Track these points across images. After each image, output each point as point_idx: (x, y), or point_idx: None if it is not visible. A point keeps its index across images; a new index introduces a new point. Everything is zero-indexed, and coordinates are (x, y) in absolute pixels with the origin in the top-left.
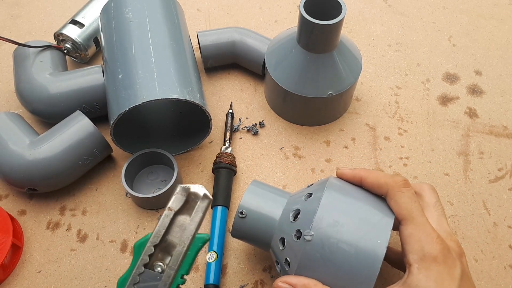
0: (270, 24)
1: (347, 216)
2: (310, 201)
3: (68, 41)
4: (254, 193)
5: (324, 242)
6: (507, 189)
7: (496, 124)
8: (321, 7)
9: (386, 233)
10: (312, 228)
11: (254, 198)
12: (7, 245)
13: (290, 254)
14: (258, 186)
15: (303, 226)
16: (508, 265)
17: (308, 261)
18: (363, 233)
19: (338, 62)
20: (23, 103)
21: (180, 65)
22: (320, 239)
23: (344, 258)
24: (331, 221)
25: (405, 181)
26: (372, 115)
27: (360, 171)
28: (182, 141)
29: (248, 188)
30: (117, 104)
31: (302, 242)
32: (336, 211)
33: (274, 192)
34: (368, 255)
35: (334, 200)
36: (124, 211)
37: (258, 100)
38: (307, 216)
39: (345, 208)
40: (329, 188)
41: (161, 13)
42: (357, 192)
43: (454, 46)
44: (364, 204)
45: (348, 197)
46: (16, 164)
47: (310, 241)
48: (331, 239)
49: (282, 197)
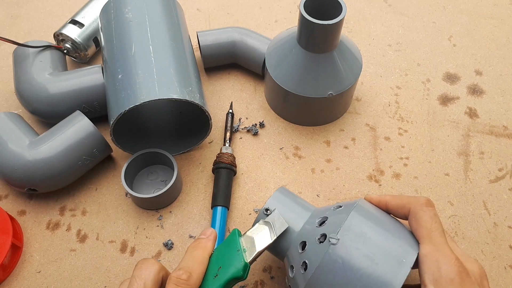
0: (270, 24)
1: (375, 230)
2: (339, 211)
3: (68, 41)
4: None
5: (348, 249)
6: (508, 189)
7: (497, 124)
8: (321, 7)
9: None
10: (339, 233)
11: (281, 200)
12: (7, 245)
13: (310, 256)
14: (284, 193)
15: (329, 231)
16: (508, 265)
17: (328, 265)
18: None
19: (338, 62)
20: (23, 103)
21: (180, 65)
22: (345, 245)
23: (365, 269)
24: (359, 232)
25: (428, 201)
26: (372, 115)
27: (385, 196)
28: (182, 141)
29: (275, 191)
30: (117, 104)
31: (325, 245)
32: (365, 224)
33: (301, 200)
34: (390, 273)
35: (364, 214)
36: (124, 211)
37: (258, 100)
38: (334, 223)
39: (374, 224)
40: (360, 204)
41: (161, 13)
42: (386, 217)
43: (454, 46)
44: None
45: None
46: (16, 164)
47: (335, 245)
48: (356, 248)
49: (307, 208)
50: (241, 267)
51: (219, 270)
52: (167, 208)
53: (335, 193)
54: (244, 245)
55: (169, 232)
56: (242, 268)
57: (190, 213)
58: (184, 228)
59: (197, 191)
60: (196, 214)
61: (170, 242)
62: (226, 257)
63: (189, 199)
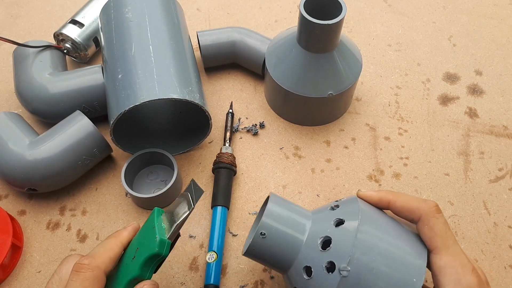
0: (270, 24)
1: (384, 250)
2: (343, 231)
3: (68, 41)
4: (275, 210)
5: (361, 279)
6: (508, 189)
7: (497, 124)
8: (321, 7)
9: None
10: (349, 263)
11: (275, 216)
12: (7, 245)
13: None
14: (278, 203)
15: (336, 258)
16: (508, 265)
17: None
18: (400, 272)
19: (338, 62)
20: (23, 103)
21: (180, 65)
22: (357, 275)
23: None
24: (369, 258)
25: (437, 206)
26: (372, 115)
27: (387, 194)
28: (182, 141)
29: (267, 206)
30: (117, 104)
31: (336, 277)
32: (374, 245)
33: (296, 210)
34: None
35: (370, 231)
36: (124, 211)
37: (258, 100)
38: (341, 247)
39: (382, 241)
40: (364, 218)
41: (161, 13)
42: (390, 225)
43: (454, 46)
44: (399, 238)
45: (383, 228)
46: (16, 164)
47: (346, 277)
48: (368, 276)
49: (305, 216)
50: (156, 243)
51: (137, 251)
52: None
53: (335, 193)
54: (163, 222)
55: None
56: (158, 244)
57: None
58: (184, 228)
59: None
60: (196, 214)
61: None
62: (143, 237)
63: None
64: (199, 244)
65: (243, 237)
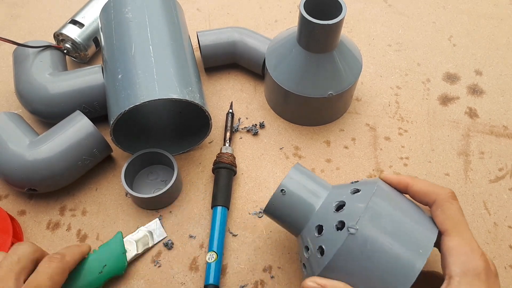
0: (270, 24)
1: (394, 219)
2: (358, 197)
3: (68, 41)
4: (297, 175)
5: (368, 239)
6: (508, 189)
7: (497, 124)
8: (321, 7)
9: (429, 246)
10: (358, 223)
11: (297, 178)
12: (7, 245)
13: (327, 243)
14: (301, 170)
15: (347, 218)
16: (509, 265)
17: (346, 254)
18: (407, 240)
19: (338, 62)
20: (23, 103)
21: (180, 65)
22: (364, 235)
23: (383, 259)
24: (377, 221)
25: (453, 193)
26: (372, 115)
27: (406, 178)
28: (182, 141)
29: (291, 169)
30: (117, 104)
31: (344, 234)
32: (385, 212)
33: (317, 179)
34: (407, 262)
35: (383, 202)
36: (124, 211)
37: (258, 100)
38: (353, 210)
39: (393, 212)
40: (379, 188)
41: (161, 13)
42: (405, 202)
43: (454, 46)
44: (411, 213)
45: (397, 203)
46: (16, 164)
47: (354, 235)
48: (376, 238)
49: (325, 186)
50: (124, 267)
51: (104, 267)
52: (167, 208)
53: None
54: (126, 247)
55: (169, 232)
56: (125, 268)
57: (190, 213)
58: (184, 228)
59: (197, 191)
60: (196, 214)
61: (170, 242)
62: (110, 256)
63: (189, 199)
64: (199, 244)
65: (243, 237)
